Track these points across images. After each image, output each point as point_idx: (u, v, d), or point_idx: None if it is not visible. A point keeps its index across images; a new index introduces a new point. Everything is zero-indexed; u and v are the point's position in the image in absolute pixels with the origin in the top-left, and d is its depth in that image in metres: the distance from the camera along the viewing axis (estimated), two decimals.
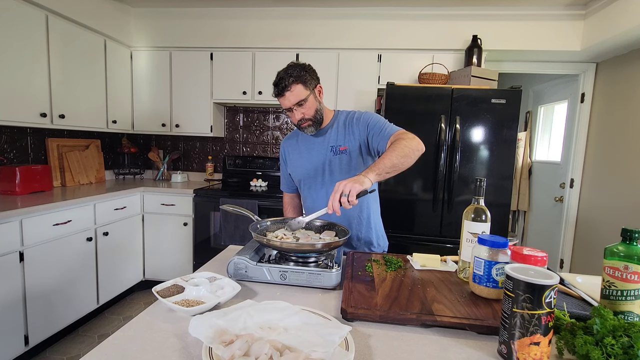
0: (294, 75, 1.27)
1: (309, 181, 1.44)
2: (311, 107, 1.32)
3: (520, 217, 4.04)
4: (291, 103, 1.29)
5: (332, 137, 1.40)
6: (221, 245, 2.82)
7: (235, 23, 3.03)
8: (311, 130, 1.37)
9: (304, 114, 1.32)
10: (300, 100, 1.29)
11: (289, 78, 1.27)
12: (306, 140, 1.45)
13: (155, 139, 3.60)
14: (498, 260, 0.85)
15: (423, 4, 2.77)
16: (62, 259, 2.17)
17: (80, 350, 2.19)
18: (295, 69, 1.29)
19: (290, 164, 1.51)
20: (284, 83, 1.27)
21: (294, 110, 1.31)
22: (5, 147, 2.42)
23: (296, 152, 1.48)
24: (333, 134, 1.41)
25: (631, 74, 2.62)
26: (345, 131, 1.40)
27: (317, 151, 1.41)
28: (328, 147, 1.39)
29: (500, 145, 2.38)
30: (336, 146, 1.38)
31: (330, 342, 0.64)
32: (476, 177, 1.02)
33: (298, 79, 1.28)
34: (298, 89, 1.28)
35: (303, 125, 1.35)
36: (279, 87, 1.28)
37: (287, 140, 1.55)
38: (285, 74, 1.28)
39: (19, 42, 2.15)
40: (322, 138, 1.42)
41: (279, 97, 1.30)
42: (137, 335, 0.72)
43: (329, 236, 1.18)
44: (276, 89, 1.29)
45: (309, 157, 1.43)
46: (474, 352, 0.70)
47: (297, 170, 1.48)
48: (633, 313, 0.75)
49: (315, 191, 1.43)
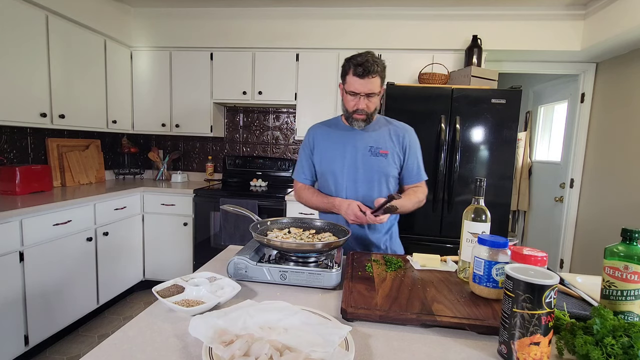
0: (380, 67, 1.25)
1: (338, 175, 1.40)
2: (375, 104, 1.31)
3: (520, 217, 4.04)
4: (366, 90, 1.25)
5: (372, 138, 1.38)
6: (221, 245, 2.82)
7: (235, 23, 3.03)
8: (360, 125, 1.34)
9: (367, 106, 1.29)
10: (373, 93, 1.26)
11: (376, 66, 1.23)
12: (342, 131, 1.41)
13: (155, 139, 3.60)
14: (498, 260, 0.85)
15: (423, 4, 2.77)
16: (62, 259, 2.17)
17: (80, 350, 2.19)
18: (381, 63, 1.25)
19: (318, 152, 1.45)
20: (372, 68, 1.22)
21: (361, 97, 1.27)
22: (5, 147, 2.42)
23: (329, 142, 1.43)
24: (373, 135, 1.39)
25: (631, 74, 2.62)
26: (389, 138, 1.39)
27: (352, 146, 1.38)
28: (366, 145, 1.37)
29: (500, 145, 2.38)
30: (376, 147, 1.37)
31: (330, 342, 0.64)
32: (476, 177, 1.02)
33: (382, 73, 1.26)
34: (377, 81, 1.26)
35: (357, 116, 1.31)
36: (365, 69, 1.22)
37: (318, 127, 1.48)
38: (373, 60, 1.23)
39: (19, 42, 2.15)
40: (360, 134, 1.38)
41: (356, 77, 1.24)
42: (137, 335, 0.72)
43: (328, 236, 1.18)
44: (361, 69, 1.22)
45: (343, 151, 1.39)
46: (474, 352, 0.70)
47: (328, 163, 1.42)
48: (633, 313, 0.75)
49: (343, 187, 1.40)
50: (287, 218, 1.31)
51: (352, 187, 1.39)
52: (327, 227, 1.26)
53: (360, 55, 1.25)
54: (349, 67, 1.26)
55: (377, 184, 1.39)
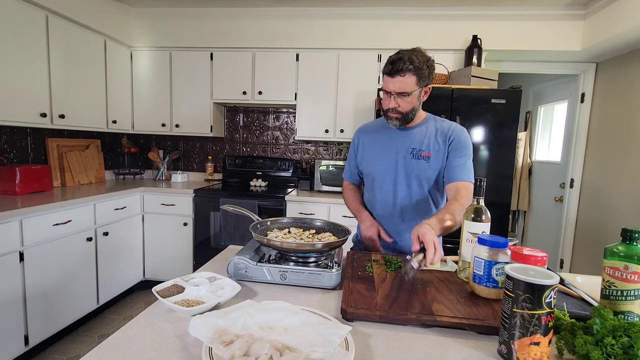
0: (415, 64, 1.18)
1: (381, 178, 1.37)
2: (410, 103, 1.24)
3: (520, 217, 4.04)
4: (395, 89, 1.21)
5: (416, 139, 1.32)
6: (221, 245, 2.82)
7: (235, 23, 3.03)
8: (395, 124, 1.28)
9: (399, 105, 1.23)
10: (404, 92, 1.20)
11: (409, 64, 1.17)
12: (387, 132, 1.37)
13: (155, 139, 3.60)
14: (498, 260, 0.85)
15: (423, 4, 2.77)
16: (62, 259, 2.17)
17: (80, 350, 2.19)
18: (420, 58, 1.19)
19: (362, 154, 1.43)
20: (402, 66, 1.17)
21: (392, 96, 1.23)
22: (5, 147, 2.42)
23: (373, 143, 1.40)
24: (418, 136, 1.32)
25: (631, 73, 2.62)
26: (435, 138, 1.31)
27: (394, 147, 1.34)
28: (409, 147, 1.32)
29: (500, 145, 2.38)
30: (418, 150, 1.31)
31: (330, 342, 0.64)
32: (476, 177, 1.02)
33: (417, 70, 1.18)
34: (410, 80, 1.19)
35: (391, 115, 1.26)
36: (393, 67, 1.18)
37: (364, 128, 1.46)
38: (408, 57, 1.17)
39: (19, 42, 2.15)
40: (404, 135, 1.34)
41: (386, 76, 1.21)
42: (137, 335, 0.72)
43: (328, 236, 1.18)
44: (390, 67, 1.19)
45: (385, 152, 1.35)
46: (474, 352, 0.70)
47: (369, 163, 1.40)
48: (633, 313, 0.75)
49: (386, 192, 1.36)
50: (287, 218, 1.31)
51: (391, 189, 1.36)
52: (327, 227, 1.26)
53: (397, 53, 1.21)
54: (384, 66, 1.23)
55: (418, 187, 1.33)
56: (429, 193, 1.34)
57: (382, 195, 1.39)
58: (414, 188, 1.34)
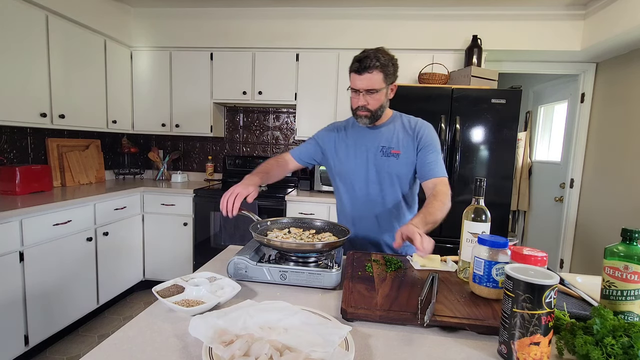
0: (382, 62, 1.21)
1: (352, 177, 1.38)
2: (378, 100, 1.27)
3: (520, 217, 4.04)
4: (363, 86, 1.23)
5: (385, 137, 1.35)
6: (221, 245, 2.82)
7: (235, 23, 3.03)
8: (365, 122, 1.31)
9: (368, 102, 1.26)
10: (373, 89, 1.23)
11: (375, 61, 1.20)
12: (356, 131, 1.39)
13: (155, 139, 3.60)
14: (498, 260, 0.85)
15: (423, 4, 2.77)
16: (62, 259, 2.17)
17: (80, 350, 2.19)
18: (385, 57, 1.22)
19: (330, 152, 1.43)
20: (369, 63, 1.20)
21: (360, 94, 1.25)
22: (5, 147, 2.42)
23: (343, 142, 1.41)
24: (387, 134, 1.35)
25: (631, 73, 2.62)
26: (403, 134, 1.35)
27: (364, 146, 1.36)
28: (378, 145, 1.35)
29: (500, 145, 2.38)
30: (387, 147, 1.34)
31: (330, 342, 0.64)
32: (476, 177, 1.02)
33: (383, 68, 1.22)
34: (377, 77, 1.22)
35: (360, 113, 1.29)
36: (361, 64, 1.21)
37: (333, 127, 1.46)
38: (373, 55, 1.21)
39: (19, 42, 2.15)
40: (373, 133, 1.37)
41: (354, 74, 1.24)
42: (137, 335, 0.72)
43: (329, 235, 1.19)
44: (357, 64, 1.22)
45: (355, 151, 1.37)
46: (474, 352, 0.70)
47: (339, 163, 1.41)
48: (633, 313, 0.75)
49: (359, 191, 1.38)
50: (287, 218, 1.31)
51: (364, 188, 1.38)
52: (327, 227, 1.26)
53: (363, 52, 1.24)
54: (351, 65, 1.26)
55: (389, 186, 1.36)
56: (400, 190, 1.37)
57: (354, 194, 1.40)
58: (386, 185, 1.36)
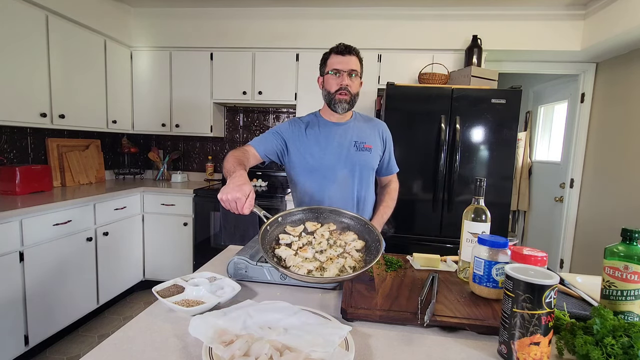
0: (358, 52, 1.36)
1: (327, 171, 1.38)
2: (357, 86, 1.36)
3: (520, 217, 4.04)
4: (349, 67, 1.32)
5: (354, 132, 1.42)
6: (221, 245, 2.82)
7: (235, 23, 3.03)
8: (343, 107, 1.36)
9: (349, 85, 1.33)
10: (355, 70, 1.33)
11: (354, 48, 1.35)
12: (326, 127, 1.43)
13: (155, 139, 3.60)
14: (498, 260, 0.85)
15: (423, 4, 2.77)
16: (62, 259, 2.17)
17: (80, 350, 2.19)
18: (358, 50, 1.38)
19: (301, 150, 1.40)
20: (352, 48, 1.34)
21: (344, 74, 1.32)
22: (5, 147, 2.42)
23: (313, 137, 1.40)
24: (355, 130, 1.42)
25: (631, 74, 2.62)
26: (370, 132, 1.44)
27: (336, 141, 1.40)
28: (351, 140, 1.40)
29: (500, 145, 2.38)
30: (360, 142, 1.41)
31: (330, 342, 0.64)
32: (476, 177, 1.02)
33: (359, 57, 1.36)
34: (357, 63, 1.34)
35: (341, 96, 1.34)
36: (345, 46, 1.33)
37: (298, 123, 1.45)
38: (352, 47, 1.35)
39: (19, 42, 2.15)
40: (342, 129, 1.42)
41: (337, 55, 1.33)
42: (137, 335, 0.72)
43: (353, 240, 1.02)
44: (342, 46, 1.33)
45: (330, 147, 1.39)
46: (474, 352, 0.70)
47: (312, 159, 1.38)
48: (633, 313, 0.75)
49: (331, 183, 1.39)
50: (300, 211, 1.11)
51: (341, 182, 1.39)
52: (352, 223, 1.07)
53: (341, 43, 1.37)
54: (330, 53, 1.37)
55: (365, 178, 1.44)
56: (371, 181, 1.47)
57: (327, 189, 1.39)
58: (361, 178, 1.42)
